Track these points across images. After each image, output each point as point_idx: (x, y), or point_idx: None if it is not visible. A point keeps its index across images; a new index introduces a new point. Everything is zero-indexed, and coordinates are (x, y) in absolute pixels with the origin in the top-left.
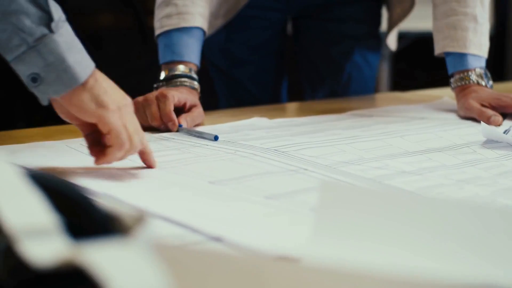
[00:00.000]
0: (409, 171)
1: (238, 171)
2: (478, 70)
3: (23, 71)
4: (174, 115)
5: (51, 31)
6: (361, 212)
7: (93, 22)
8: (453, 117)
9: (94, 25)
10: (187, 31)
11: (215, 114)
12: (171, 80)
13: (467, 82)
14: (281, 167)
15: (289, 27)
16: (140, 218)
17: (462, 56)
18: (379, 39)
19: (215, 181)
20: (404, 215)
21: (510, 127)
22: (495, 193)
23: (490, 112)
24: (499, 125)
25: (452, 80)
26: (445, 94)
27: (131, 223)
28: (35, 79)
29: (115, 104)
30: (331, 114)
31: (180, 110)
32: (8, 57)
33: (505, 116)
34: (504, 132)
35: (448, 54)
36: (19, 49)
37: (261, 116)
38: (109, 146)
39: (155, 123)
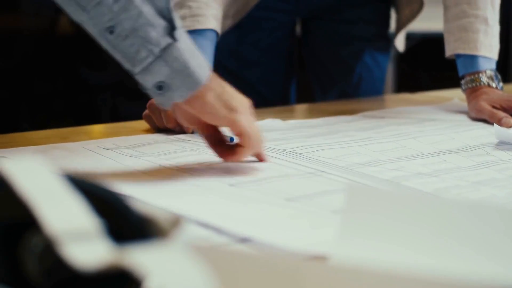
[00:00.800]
0: (425, 173)
1: (257, 173)
2: (488, 72)
3: (150, 81)
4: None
5: (174, 39)
6: (385, 214)
7: None
8: (464, 118)
9: None
10: (201, 33)
11: None
12: None
13: (477, 84)
14: (299, 169)
15: (298, 28)
16: (177, 221)
17: (473, 58)
18: (389, 41)
19: (235, 184)
20: (427, 217)
21: None
22: (511, 194)
23: (501, 114)
24: (510, 126)
25: (462, 81)
26: (454, 95)
27: (168, 226)
28: (160, 87)
29: (243, 107)
30: (343, 116)
31: None
32: (135, 70)
33: None
34: None
35: (458, 56)
36: (146, 60)
37: (274, 118)
38: (240, 146)
39: (170, 125)
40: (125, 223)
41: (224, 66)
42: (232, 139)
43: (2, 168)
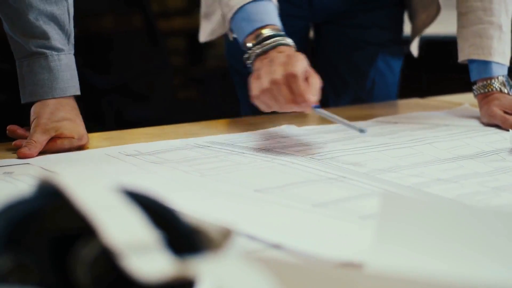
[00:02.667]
0: (445, 179)
1: (280, 179)
2: (501, 78)
3: None
4: (308, 95)
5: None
6: (413, 221)
7: (101, 24)
8: (476, 124)
9: (102, 27)
10: (260, 0)
11: (242, 122)
12: (262, 43)
13: (490, 89)
14: (320, 175)
15: (311, 33)
16: (228, 233)
17: (486, 64)
18: (401, 45)
19: (260, 189)
20: (456, 225)
21: None
22: None
23: None
24: None
25: (474, 87)
26: (464, 100)
27: (220, 238)
28: None
29: None
30: (357, 121)
31: None
32: None
33: None
34: None
35: (472, 61)
36: None
37: (288, 123)
38: None
39: (288, 107)
40: (177, 235)
41: (238, 70)
42: (363, 130)
43: (58, 180)
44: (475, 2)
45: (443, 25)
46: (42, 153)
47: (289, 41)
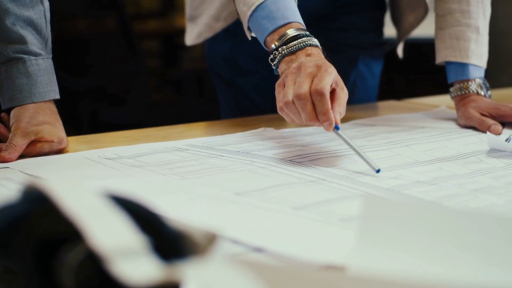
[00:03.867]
0: (424, 181)
1: (261, 182)
2: (477, 80)
3: None
4: (332, 115)
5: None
6: (393, 223)
7: (75, 26)
8: (453, 126)
9: (76, 30)
10: None
11: (222, 124)
12: (288, 44)
13: (467, 91)
14: (300, 178)
15: None
16: (213, 237)
17: (463, 66)
18: (382, 48)
19: (241, 193)
20: (434, 226)
21: (510, 135)
22: (510, 202)
23: (490, 121)
24: (499, 133)
25: (452, 89)
26: (440, 102)
27: (205, 242)
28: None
29: None
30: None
31: None
32: None
33: (504, 125)
34: (506, 141)
35: (449, 63)
36: None
37: (267, 126)
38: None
39: (310, 123)
40: (163, 239)
41: (218, 73)
42: (378, 171)
43: (43, 185)
44: (453, 4)
45: (419, 27)
46: (22, 156)
47: (315, 41)
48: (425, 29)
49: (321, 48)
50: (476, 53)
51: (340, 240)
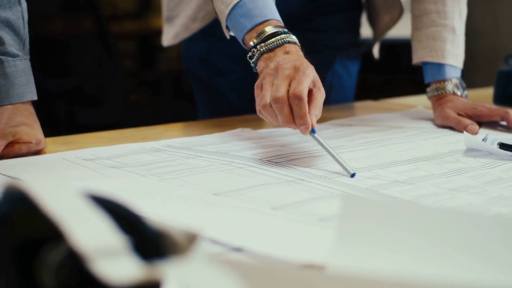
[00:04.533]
0: (402, 181)
1: (239, 183)
2: (454, 80)
3: None
4: (308, 119)
5: None
6: (371, 222)
7: (52, 27)
8: (430, 125)
9: (53, 31)
10: None
11: (199, 125)
12: (267, 41)
13: (443, 91)
14: (279, 178)
15: None
16: (193, 237)
17: (440, 66)
18: (359, 49)
19: (219, 193)
20: (412, 224)
21: (487, 135)
22: (488, 202)
23: (467, 121)
24: (476, 133)
25: (428, 89)
26: (417, 102)
27: (185, 242)
28: None
29: None
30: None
31: None
32: None
33: (480, 124)
34: (482, 140)
35: (426, 63)
36: None
37: (244, 126)
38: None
39: (287, 126)
40: (143, 239)
41: (195, 74)
42: (353, 175)
43: (24, 185)
44: (429, 5)
45: (396, 28)
46: None
47: (294, 38)
48: (401, 30)
49: (299, 45)
50: (452, 53)
51: (319, 239)
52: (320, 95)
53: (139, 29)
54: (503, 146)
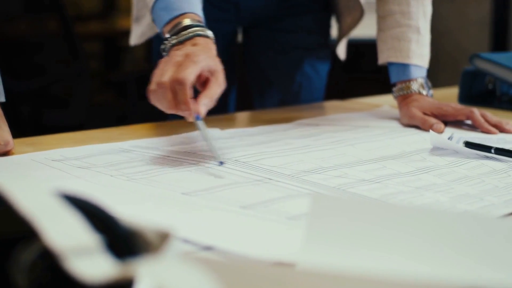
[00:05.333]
0: (368, 179)
1: (207, 182)
2: (419, 80)
3: None
4: (190, 104)
5: None
6: (340, 220)
7: (16, 28)
8: (396, 125)
9: (18, 31)
10: None
11: (167, 125)
12: (179, 33)
13: (409, 91)
14: (246, 177)
15: (239, 36)
16: (165, 235)
17: (405, 67)
18: (329, 50)
19: (188, 192)
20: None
21: (453, 134)
22: (454, 199)
23: (432, 120)
24: (441, 132)
25: (394, 89)
26: (383, 102)
27: (157, 240)
28: None
29: None
30: (279, 124)
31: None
32: None
33: (446, 123)
34: (448, 139)
35: (391, 64)
36: None
37: (212, 126)
38: None
39: (172, 111)
40: (116, 238)
41: None
42: (221, 163)
43: None
44: (393, 5)
45: (362, 28)
46: None
47: (208, 32)
48: (365, 30)
49: (213, 39)
50: (417, 54)
51: (289, 238)
52: (217, 85)
53: (104, 29)
54: (468, 144)
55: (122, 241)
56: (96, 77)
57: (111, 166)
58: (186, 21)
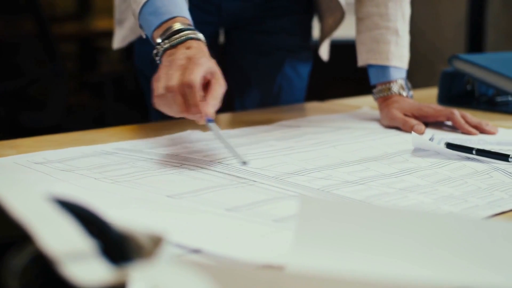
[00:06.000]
0: (352, 181)
1: (192, 185)
2: (399, 81)
3: None
4: (203, 107)
5: None
6: (326, 222)
7: None
8: (376, 126)
9: None
10: None
11: (148, 127)
12: (171, 37)
13: (389, 93)
14: (231, 179)
15: (221, 37)
16: (159, 239)
17: (384, 68)
18: (310, 51)
19: (173, 195)
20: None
21: (433, 135)
22: (438, 201)
23: (413, 121)
24: (422, 133)
25: (374, 90)
26: (362, 103)
27: (150, 244)
28: None
29: None
30: (260, 126)
31: None
32: None
33: (427, 124)
34: (429, 140)
35: (370, 66)
36: None
37: (193, 128)
38: None
39: (183, 115)
40: (110, 242)
41: (146, 75)
42: (245, 163)
43: None
44: (371, 8)
45: (341, 29)
46: None
47: (200, 35)
48: (343, 31)
49: (204, 41)
50: (396, 55)
51: (276, 240)
52: (219, 85)
53: (79, 30)
54: (450, 145)
55: (115, 245)
56: (72, 79)
57: (94, 169)
58: (177, 25)
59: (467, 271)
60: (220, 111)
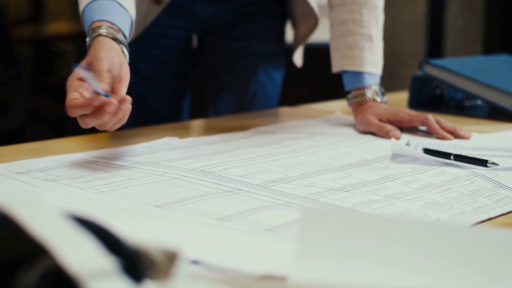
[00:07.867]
0: (337, 188)
1: (178, 194)
2: (373, 87)
3: None
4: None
5: None
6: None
7: None
8: (351, 131)
9: None
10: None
11: (125, 134)
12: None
13: (363, 98)
14: (216, 188)
15: (194, 42)
16: (174, 255)
17: (358, 74)
18: (284, 57)
19: (161, 205)
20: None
21: (409, 140)
22: (424, 208)
23: (389, 127)
24: (398, 139)
25: (349, 96)
26: (334, 108)
27: (165, 261)
28: None
29: None
30: (236, 132)
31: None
32: None
33: (402, 130)
34: (406, 145)
35: (345, 72)
36: None
37: (170, 135)
38: None
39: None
40: (131, 260)
41: None
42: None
43: (6, 207)
44: (345, 14)
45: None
46: None
47: (104, 31)
48: (315, 35)
49: (112, 36)
50: (371, 61)
51: (271, 250)
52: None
53: (35, 34)
54: (427, 151)
55: (129, 262)
56: (30, 82)
57: (77, 178)
58: (102, 29)
59: (468, 281)
60: (193, 116)
